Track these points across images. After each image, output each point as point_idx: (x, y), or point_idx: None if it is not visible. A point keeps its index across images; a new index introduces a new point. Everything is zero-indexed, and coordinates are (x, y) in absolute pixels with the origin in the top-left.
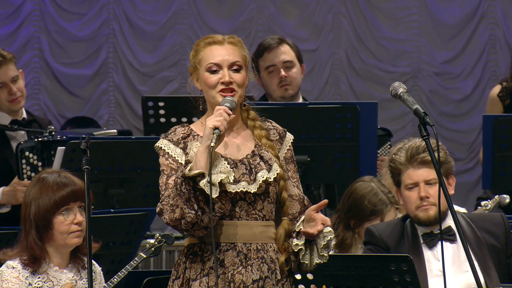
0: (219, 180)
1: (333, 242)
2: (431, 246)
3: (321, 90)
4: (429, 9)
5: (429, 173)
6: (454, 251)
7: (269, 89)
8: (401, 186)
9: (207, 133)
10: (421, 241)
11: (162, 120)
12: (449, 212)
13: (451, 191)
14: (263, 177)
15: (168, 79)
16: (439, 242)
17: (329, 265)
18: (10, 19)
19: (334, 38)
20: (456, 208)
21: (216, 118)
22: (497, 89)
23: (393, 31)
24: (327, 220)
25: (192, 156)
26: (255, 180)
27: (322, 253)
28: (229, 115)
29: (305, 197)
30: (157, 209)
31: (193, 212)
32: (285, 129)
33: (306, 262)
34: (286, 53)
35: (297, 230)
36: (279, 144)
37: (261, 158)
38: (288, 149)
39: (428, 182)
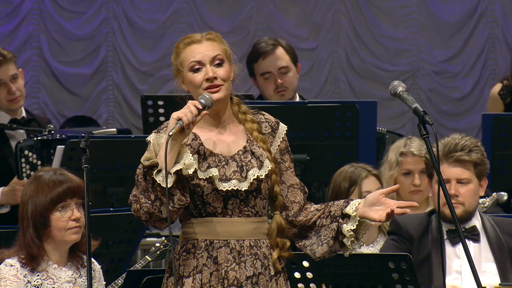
0: (174, 171)
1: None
2: (454, 243)
3: (320, 89)
4: (428, 8)
5: (462, 172)
6: (475, 251)
7: (266, 94)
8: (432, 179)
9: (171, 123)
10: (445, 237)
11: (162, 119)
12: (476, 212)
13: (482, 193)
14: (254, 176)
15: (167, 77)
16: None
17: (328, 263)
18: (9, 18)
19: (333, 37)
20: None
21: (183, 110)
22: (497, 87)
23: (392, 29)
24: (408, 203)
25: (151, 146)
26: (246, 177)
27: (361, 240)
28: (199, 109)
29: (304, 185)
30: (128, 201)
31: (149, 202)
32: (278, 120)
33: (351, 247)
34: (281, 58)
35: (352, 215)
36: (271, 137)
37: (253, 154)
38: (282, 140)
39: (460, 181)
